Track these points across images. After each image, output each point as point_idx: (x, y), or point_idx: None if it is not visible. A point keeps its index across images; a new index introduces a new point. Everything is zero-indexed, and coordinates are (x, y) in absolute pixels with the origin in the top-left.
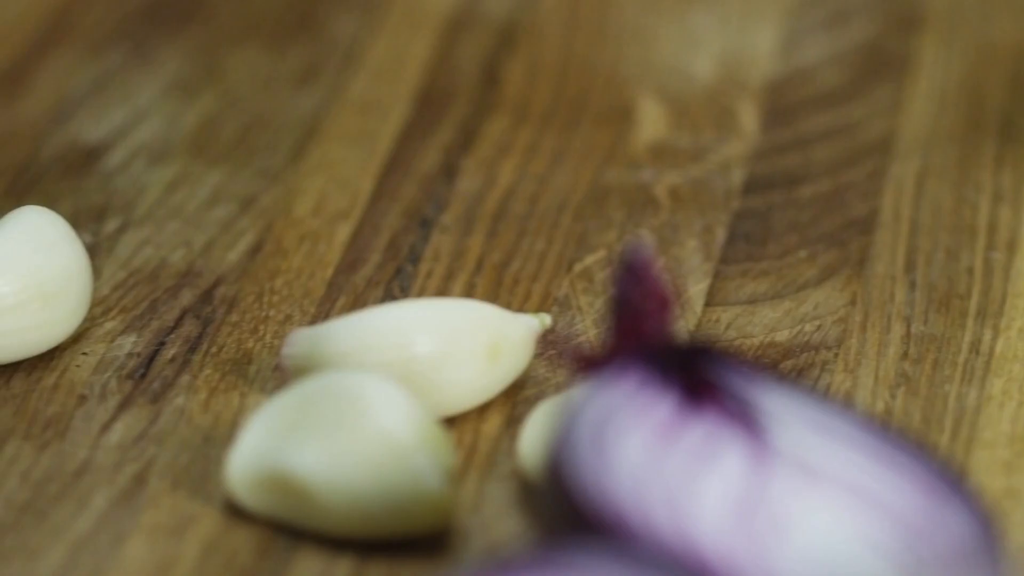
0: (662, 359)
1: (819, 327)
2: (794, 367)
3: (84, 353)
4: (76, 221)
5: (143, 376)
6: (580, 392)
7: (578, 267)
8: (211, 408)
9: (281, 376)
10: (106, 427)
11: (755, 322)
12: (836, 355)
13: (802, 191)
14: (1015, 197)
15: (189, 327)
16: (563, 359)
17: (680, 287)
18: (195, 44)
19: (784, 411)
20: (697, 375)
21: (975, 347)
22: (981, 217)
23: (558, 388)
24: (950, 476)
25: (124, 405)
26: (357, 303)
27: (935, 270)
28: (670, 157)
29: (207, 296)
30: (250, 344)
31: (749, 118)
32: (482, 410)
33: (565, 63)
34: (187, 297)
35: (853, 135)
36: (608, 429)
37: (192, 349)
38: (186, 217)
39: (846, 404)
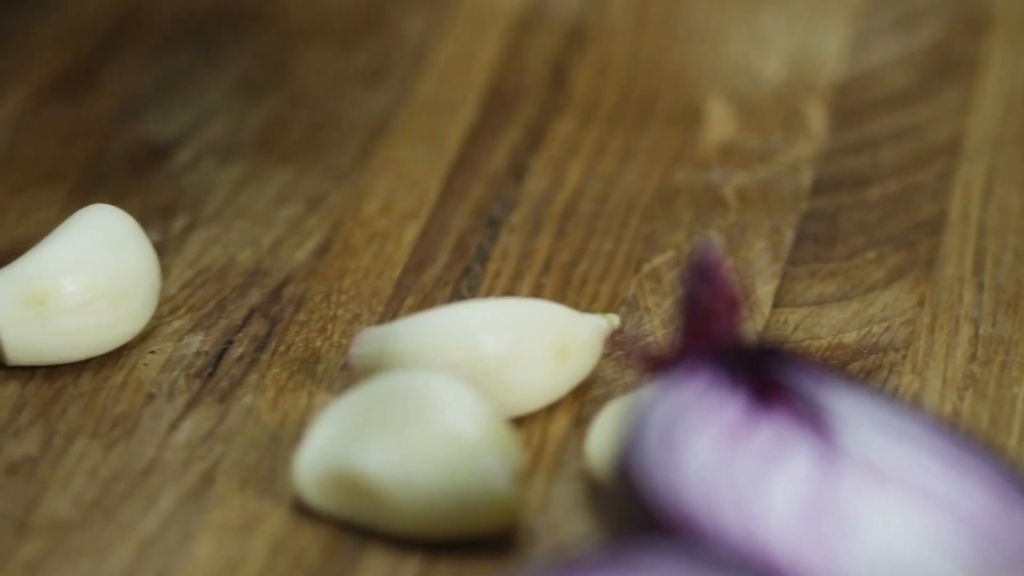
0: (731, 360)
1: (887, 329)
2: (862, 369)
3: (152, 352)
4: (144, 219)
5: (211, 375)
6: (649, 393)
7: (646, 267)
8: (279, 407)
9: (349, 375)
10: (174, 426)
11: (823, 323)
12: (904, 357)
13: (870, 192)
14: None
15: (257, 326)
16: (631, 359)
17: (748, 288)
18: (263, 43)
19: (852, 413)
20: (766, 376)
21: None
22: None
23: (626, 388)
24: (1018, 478)
25: (192, 404)
26: (425, 303)
27: (1003, 272)
28: (738, 158)
29: (275, 295)
30: (318, 343)
31: (817, 119)
32: (550, 410)
33: (633, 63)
34: (255, 296)
35: (921, 136)
36: (677, 430)
37: (260, 348)
38: (254, 216)
39: (914, 406)
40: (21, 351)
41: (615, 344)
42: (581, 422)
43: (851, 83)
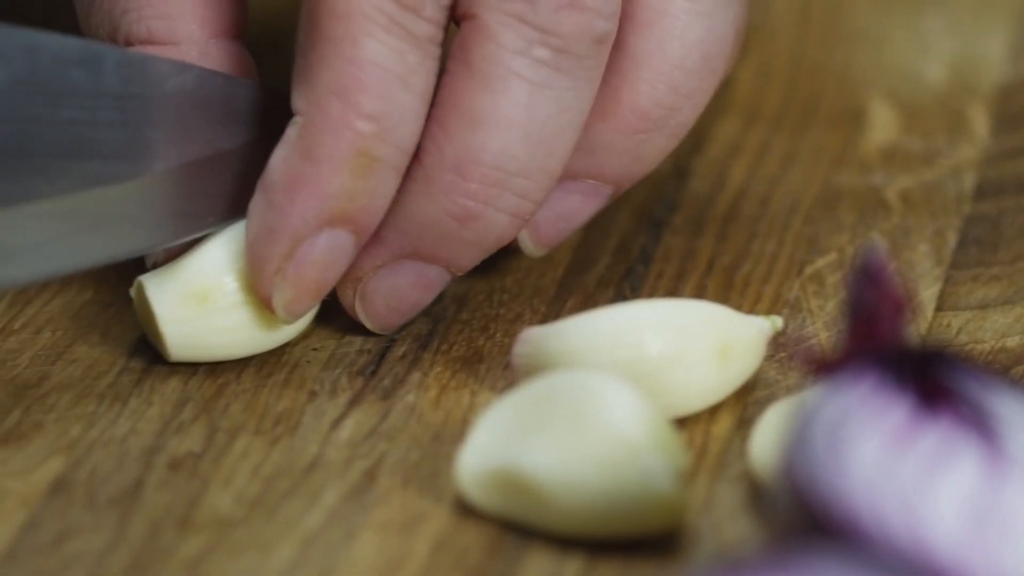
0: (896, 363)
1: None
2: None
3: (314, 349)
4: None
5: (373, 373)
6: (813, 395)
7: (809, 269)
8: (441, 405)
9: (511, 375)
10: (336, 423)
11: (986, 327)
12: None
13: None
14: None
15: (420, 325)
16: (794, 361)
17: (912, 291)
18: None
19: (1016, 417)
20: (932, 379)
21: None
22: None
23: (789, 391)
24: None
25: (354, 401)
26: (588, 303)
27: None
28: (901, 161)
29: (438, 294)
30: (480, 342)
31: (980, 123)
32: (712, 411)
33: (796, 65)
34: None
35: None
36: (842, 432)
37: (423, 347)
38: None
39: None
40: (183, 348)
41: (778, 346)
42: (744, 424)
43: (1014, 87)
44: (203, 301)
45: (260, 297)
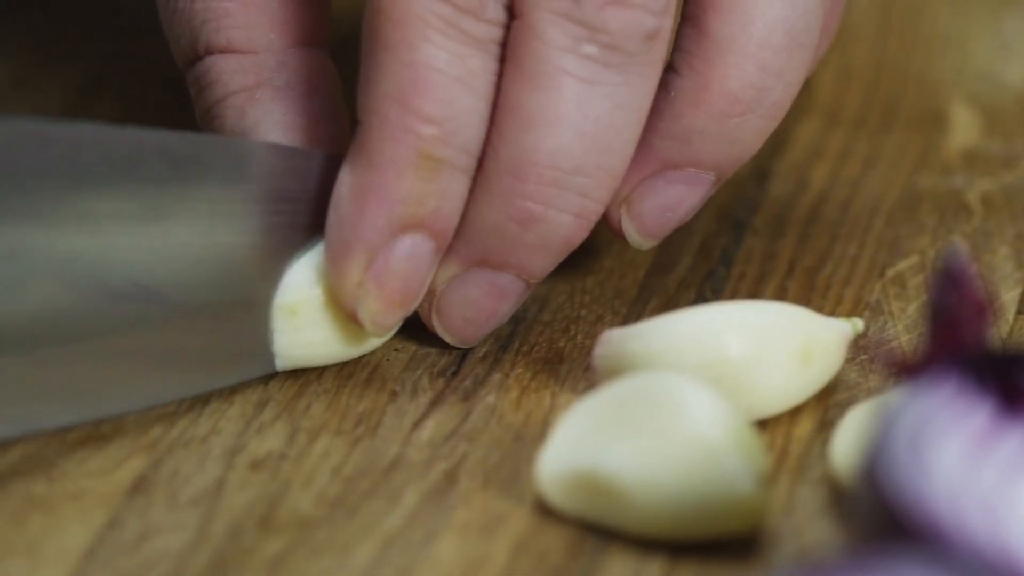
0: (978, 366)
1: None
2: None
3: (396, 350)
4: None
5: (454, 374)
6: (894, 398)
7: (890, 272)
8: (522, 407)
9: (592, 376)
10: (417, 424)
11: None
12: None
13: None
14: None
15: (501, 326)
16: (876, 364)
17: (993, 294)
18: None
19: None
20: (1013, 383)
21: None
22: None
23: (870, 393)
24: None
25: (435, 402)
26: (669, 305)
27: None
28: (982, 164)
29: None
30: (561, 343)
31: None
32: (793, 414)
33: (877, 67)
34: None
35: None
36: (924, 435)
37: (503, 348)
38: None
39: None
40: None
41: (859, 348)
42: (825, 426)
43: None
44: (292, 314)
45: (346, 312)
